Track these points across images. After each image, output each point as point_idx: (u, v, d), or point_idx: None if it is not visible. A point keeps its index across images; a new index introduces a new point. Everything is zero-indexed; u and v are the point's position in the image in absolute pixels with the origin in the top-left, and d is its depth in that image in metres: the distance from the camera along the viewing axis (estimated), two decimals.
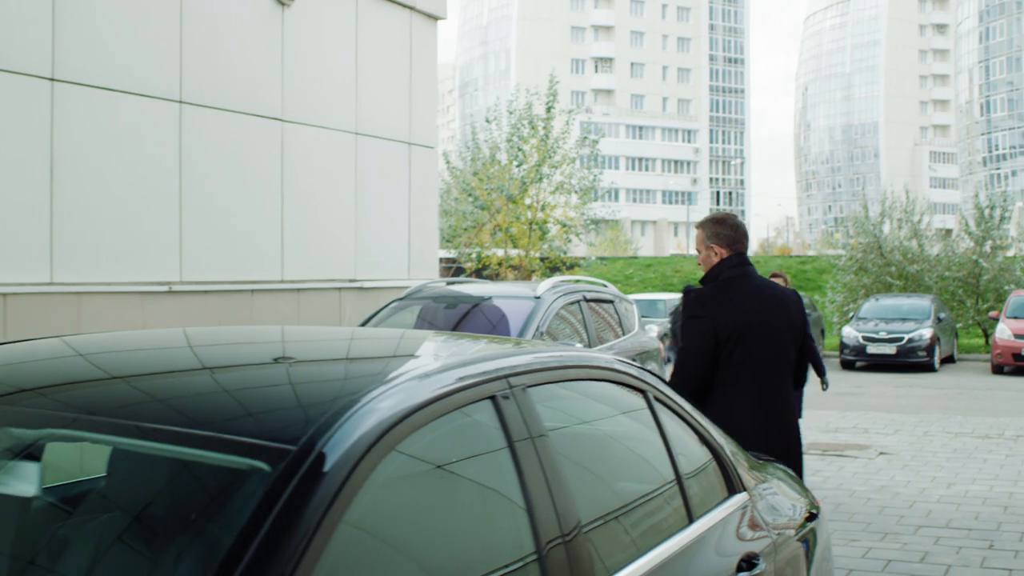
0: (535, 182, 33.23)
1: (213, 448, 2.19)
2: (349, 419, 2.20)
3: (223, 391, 2.64)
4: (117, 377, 2.81)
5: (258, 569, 1.87)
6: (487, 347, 3.11)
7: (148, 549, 2.24)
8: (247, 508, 2.00)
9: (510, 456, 2.53)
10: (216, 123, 9.56)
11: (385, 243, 11.74)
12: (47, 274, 8.12)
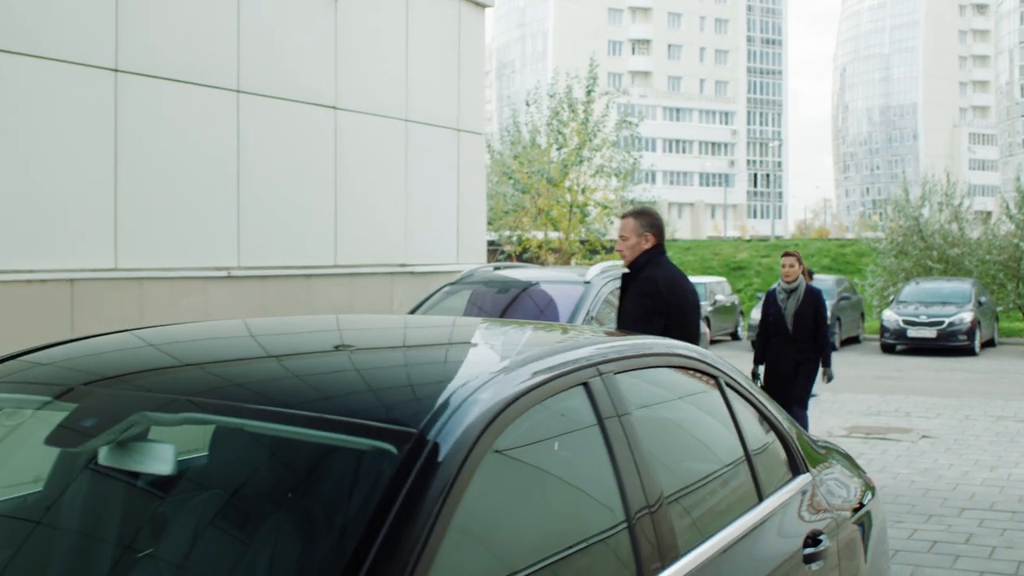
0: (575, 165, 33.32)
1: (342, 431, 2.39)
2: (464, 402, 2.42)
3: (341, 378, 2.85)
4: (237, 363, 3.03)
5: (396, 538, 2.08)
6: (577, 337, 3.34)
7: (282, 525, 2.45)
8: (380, 485, 2.21)
9: (601, 436, 2.77)
10: (272, 112, 9.77)
11: (435, 228, 11.95)
12: (111, 260, 8.35)
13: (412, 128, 11.50)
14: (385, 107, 11.15)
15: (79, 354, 3.14)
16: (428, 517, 2.13)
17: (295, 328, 3.64)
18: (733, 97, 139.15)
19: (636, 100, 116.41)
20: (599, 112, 34.49)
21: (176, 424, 2.64)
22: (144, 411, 2.61)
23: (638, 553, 2.67)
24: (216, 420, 2.61)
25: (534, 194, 33.37)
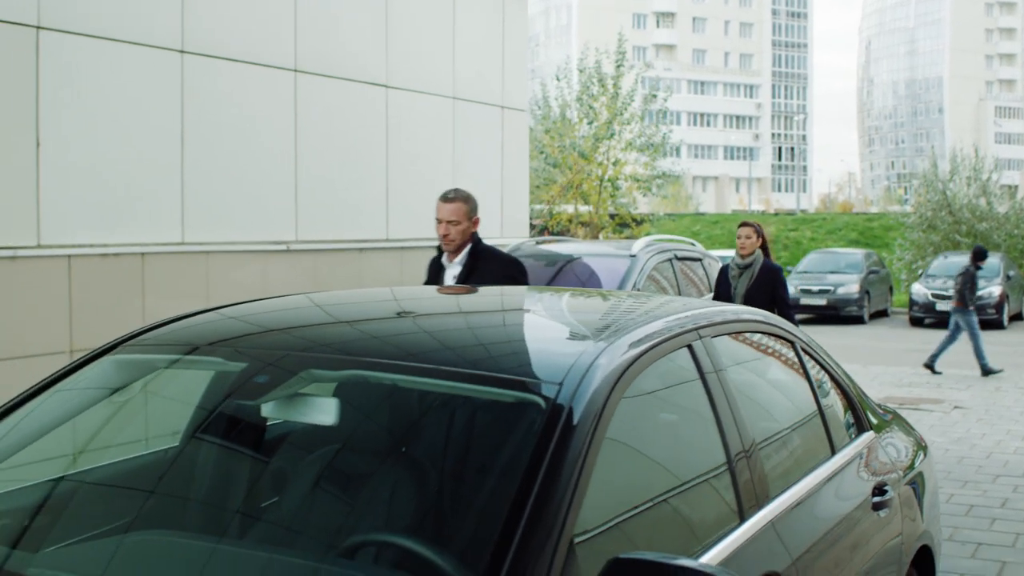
0: (605, 138, 33.57)
1: (494, 385, 2.75)
2: (597, 359, 2.78)
3: (484, 340, 3.22)
4: (390, 326, 3.39)
5: (552, 475, 2.42)
6: (678, 305, 3.68)
7: (447, 469, 2.82)
8: (531, 432, 2.55)
9: (704, 390, 3.13)
10: (327, 91, 10.08)
11: (480, 203, 12.23)
12: (179, 234, 8.69)
13: (459, 105, 11.80)
14: (433, 85, 11.44)
15: (242, 317, 3.49)
16: (575, 460, 2.48)
17: (427, 296, 4.01)
18: (758, 70, 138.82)
19: (661, 73, 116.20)
20: (628, 87, 34.71)
21: (340, 380, 2.99)
22: (311, 368, 2.96)
23: (738, 492, 3.04)
24: (377, 376, 2.96)
25: (565, 168, 33.64)
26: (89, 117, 8.04)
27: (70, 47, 7.85)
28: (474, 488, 2.71)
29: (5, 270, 7.45)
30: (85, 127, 8.00)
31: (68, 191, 7.84)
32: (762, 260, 10.35)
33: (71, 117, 7.89)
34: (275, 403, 2.98)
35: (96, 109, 8.09)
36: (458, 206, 6.95)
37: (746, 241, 10.55)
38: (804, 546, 3.25)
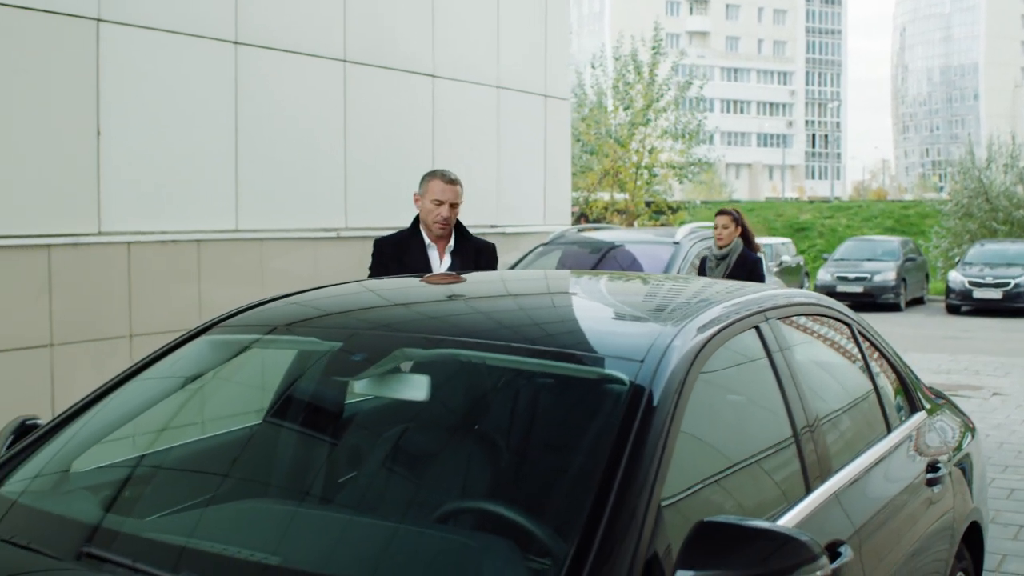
0: (641, 125, 33.65)
1: (581, 363, 2.94)
2: (675, 338, 2.96)
3: (565, 320, 3.41)
4: (475, 306, 3.58)
5: (639, 446, 2.59)
6: (744, 289, 3.85)
7: (539, 440, 3.00)
8: (619, 405, 2.73)
9: (771, 369, 3.30)
10: (375, 80, 10.26)
11: (523, 191, 12.42)
12: (233, 222, 8.89)
13: (503, 94, 11.96)
14: (478, 74, 11.61)
15: (329, 299, 3.68)
16: (660, 431, 2.65)
17: (512, 279, 4.20)
18: (792, 57, 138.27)
19: (694, 61, 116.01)
20: (664, 74, 34.78)
21: (431, 359, 3.17)
22: (403, 347, 3.14)
23: (804, 464, 3.22)
24: (467, 355, 3.14)
25: (601, 155, 33.74)
26: (147, 107, 8.24)
27: (129, 39, 8.05)
28: (563, 459, 2.89)
29: (68, 257, 7.66)
30: (143, 117, 8.20)
31: (127, 179, 8.04)
32: (740, 250, 9.85)
33: (130, 107, 8.09)
34: (370, 380, 3.17)
35: (154, 99, 8.29)
36: (459, 188, 6.96)
37: (723, 231, 9.91)
38: (865, 517, 3.43)
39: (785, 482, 3.23)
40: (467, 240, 6.95)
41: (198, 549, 2.65)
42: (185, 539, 2.75)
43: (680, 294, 4.01)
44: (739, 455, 3.20)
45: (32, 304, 7.46)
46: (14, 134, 7.36)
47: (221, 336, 3.51)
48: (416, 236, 6.94)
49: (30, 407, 7.40)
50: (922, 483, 3.98)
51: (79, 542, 2.68)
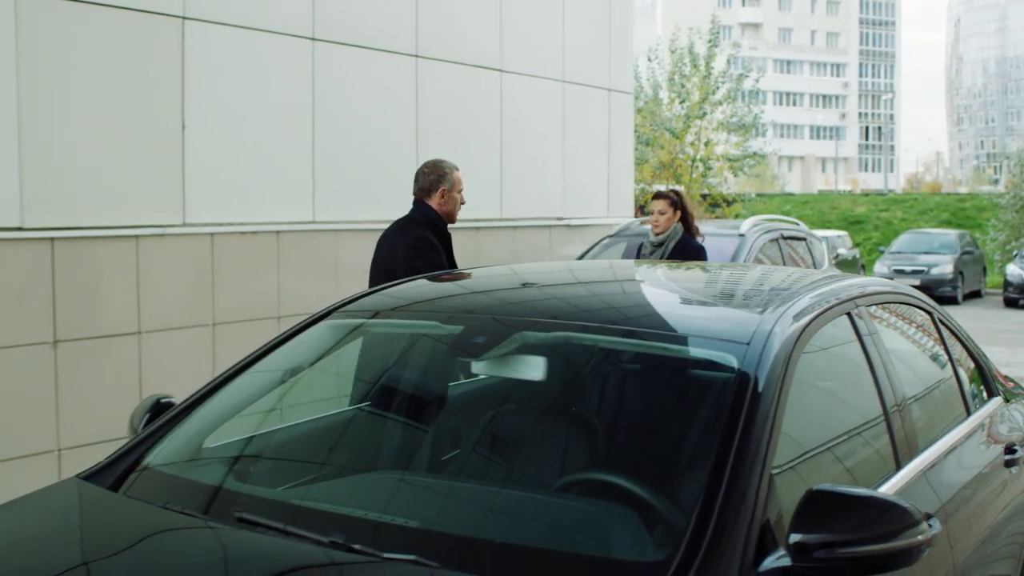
0: (697, 118, 33.69)
1: (691, 345, 3.15)
2: (777, 323, 3.16)
3: (670, 306, 3.62)
4: (587, 291, 3.80)
5: (750, 422, 2.79)
6: (834, 276, 4.04)
7: (648, 421, 3.22)
8: (730, 385, 2.94)
9: (862, 353, 3.49)
10: (446, 75, 10.47)
11: (588, 184, 12.61)
12: (310, 213, 9.14)
13: (568, 88, 12.15)
14: (544, 69, 11.80)
15: (448, 284, 3.92)
16: (768, 407, 2.86)
17: (610, 270, 4.43)
18: (845, 48, 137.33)
19: (747, 52, 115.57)
20: (720, 67, 34.81)
21: (549, 341, 3.38)
22: (523, 331, 3.36)
23: (895, 444, 3.43)
24: (583, 337, 3.35)
25: (656, 148, 33.82)
26: (229, 102, 8.50)
27: (212, 36, 8.31)
28: (678, 435, 3.11)
29: (155, 247, 7.93)
30: (225, 112, 8.46)
31: (210, 172, 8.31)
32: (679, 237, 8.88)
33: (213, 102, 8.35)
34: (492, 361, 3.39)
35: (235, 94, 8.55)
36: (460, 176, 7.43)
37: (659, 217, 8.90)
38: (949, 493, 3.63)
39: (877, 459, 3.44)
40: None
41: (342, 514, 2.88)
42: (329, 505, 2.97)
43: (771, 282, 4.23)
44: (836, 431, 3.41)
45: (122, 293, 7.73)
46: (105, 129, 7.64)
47: (342, 320, 3.74)
48: (441, 228, 7.23)
49: (121, 390, 7.69)
50: (1000, 464, 4.18)
51: (231, 508, 2.91)
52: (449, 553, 2.62)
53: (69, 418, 7.44)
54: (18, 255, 7.18)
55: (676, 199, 9.05)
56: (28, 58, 7.16)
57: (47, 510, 3.06)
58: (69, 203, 7.45)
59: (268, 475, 3.39)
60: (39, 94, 7.23)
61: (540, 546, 2.68)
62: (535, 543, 2.71)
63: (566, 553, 2.63)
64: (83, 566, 2.68)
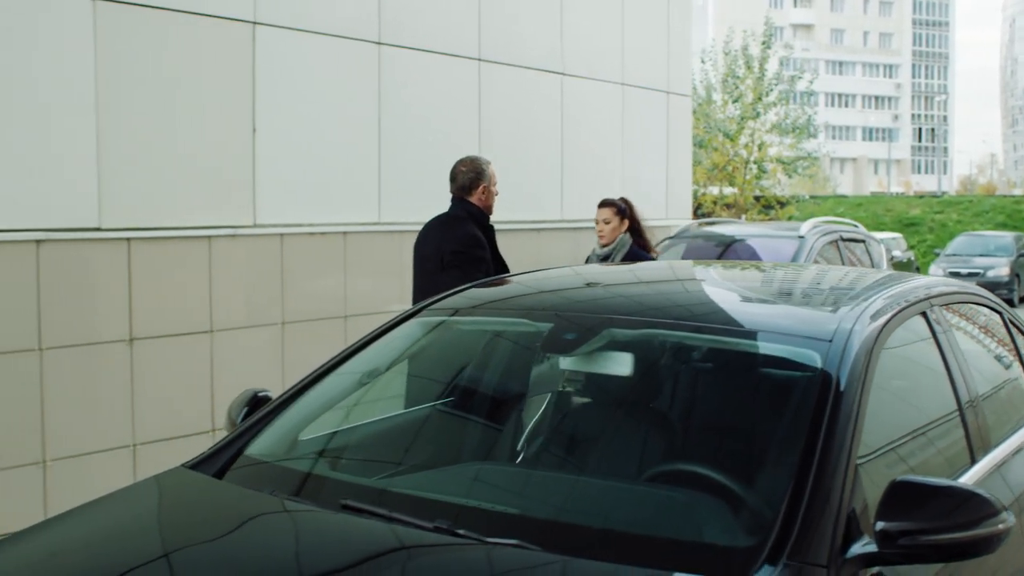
0: (751, 119, 33.70)
1: (776, 341, 3.27)
2: (858, 321, 3.28)
3: (750, 305, 3.75)
4: (671, 289, 3.93)
5: (835, 414, 2.91)
6: (907, 277, 4.15)
7: (734, 416, 3.34)
8: (814, 380, 3.07)
9: (937, 350, 3.61)
10: (508, 78, 10.61)
11: (646, 186, 12.70)
12: (376, 214, 9.31)
13: (627, 91, 12.26)
14: (604, 72, 11.92)
15: (536, 282, 4.06)
16: (852, 401, 2.98)
17: (686, 270, 4.56)
18: (898, 49, 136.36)
19: (799, 54, 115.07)
20: (773, 69, 34.79)
21: (636, 339, 3.51)
22: (611, 327, 3.49)
23: (969, 439, 3.53)
24: (670, 335, 3.48)
25: (710, 149, 33.84)
26: (298, 105, 8.67)
27: (281, 41, 8.49)
28: (764, 429, 3.24)
29: (226, 247, 8.12)
30: (294, 115, 8.64)
31: (280, 174, 8.48)
32: (627, 247, 8.48)
33: (282, 105, 8.53)
34: (581, 357, 3.53)
35: (304, 98, 8.72)
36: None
37: (604, 227, 8.57)
38: (1022, 488, 3.73)
39: (953, 452, 3.55)
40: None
41: (443, 501, 3.02)
42: (429, 494, 3.11)
43: (841, 282, 4.37)
44: (913, 426, 3.54)
45: (195, 293, 7.92)
46: (178, 132, 7.83)
47: (432, 318, 3.88)
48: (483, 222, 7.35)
49: (194, 387, 7.88)
50: None
51: (333, 495, 3.05)
52: (548, 538, 2.75)
53: (144, 414, 7.63)
54: (96, 255, 7.38)
55: (623, 207, 8.62)
56: (105, 63, 7.36)
57: (159, 495, 3.22)
58: (145, 204, 7.64)
59: (364, 465, 3.56)
60: (116, 98, 7.43)
61: (635, 531, 2.82)
62: (629, 528, 2.85)
63: (660, 538, 2.76)
64: (196, 546, 2.84)
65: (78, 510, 3.15)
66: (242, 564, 2.74)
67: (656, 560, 2.63)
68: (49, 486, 7.15)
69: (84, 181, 7.28)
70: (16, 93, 6.94)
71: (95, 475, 7.33)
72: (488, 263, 6.89)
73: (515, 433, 3.71)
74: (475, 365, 3.99)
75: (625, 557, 2.64)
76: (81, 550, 2.87)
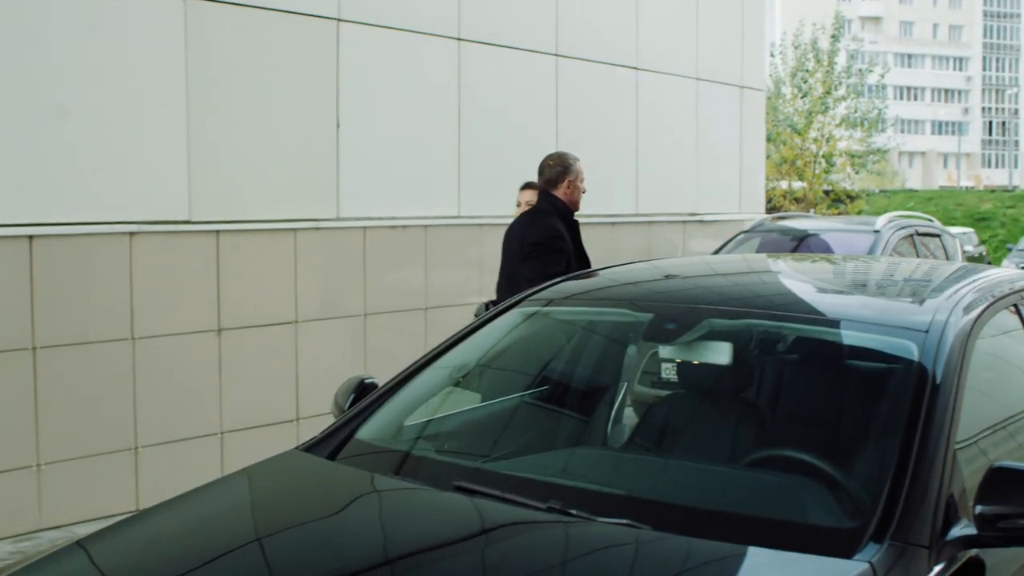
0: (819, 113, 33.54)
1: (873, 332, 3.37)
2: (952, 313, 3.37)
3: (844, 296, 3.85)
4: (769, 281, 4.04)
5: (936, 397, 3.00)
6: (993, 270, 4.23)
7: (834, 403, 3.43)
8: (911, 369, 3.16)
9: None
10: (584, 73, 10.71)
11: (720, 180, 12.76)
12: (456, 208, 9.45)
13: (701, 86, 12.32)
14: (679, 67, 11.99)
15: (632, 274, 4.18)
16: (950, 389, 3.06)
17: (777, 263, 4.66)
18: (968, 42, 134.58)
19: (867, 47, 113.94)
20: (842, 63, 34.61)
21: (735, 328, 3.62)
22: (711, 318, 3.59)
23: None
24: (769, 324, 3.58)
25: (778, 143, 33.71)
26: (380, 101, 8.83)
27: (365, 37, 8.65)
28: (863, 417, 3.33)
29: (311, 239, 8.29)
30: (377, 110, 8.79)
31: (363, 168, 8.64)
32: None
33: (365, 101, 8.69)
34: (682, 346, 3.63)
35: (386, 93, 8.88)
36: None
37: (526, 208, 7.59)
38: None
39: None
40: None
41: (554, 483, 3.15)
42: (539, 476, 3.24)
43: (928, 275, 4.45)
44: (1007, 413, 3.63)
45: (280, 284, 8.10)
46: (265, 127, 8.01)
47: (533, 308, 4.01)
48: (567, 217, 7.32)
49: (278, 376, 8.06)
50: None
51: (444, 476, 3.18)
52: (658, 518, 2.86)
53: (231, 403, 7.82)
54: (186, 247, 7.57)
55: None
56: (195, 60, 7.54)
57: (278, 475, 3.37)
58: (232, 197, 7.83)
59: (470, 449, 3.69)
60: (205, 94, 7.62)
61: (741, 512, 2.93)
62: (735, 509, 2.96)
63: (766, 518, 2.87)
64: (315, 522, 2.99)
65: (199, 491, 3.30)
66: (362, 538, 2.88)
67: (764, 539, 2.73)
68: (141, 472, 7.36)
69: (174, 175, 7.47)
70: (110, 89, 7.14)
71: (183, 462, 7.53)
72: (568, 256, 6.97)
73: (618, 419, 3.84)
74: (577, 353, 4.10)
75: (733, 536, 2.75)
76: (207, 527, 3.02)
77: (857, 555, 2.63)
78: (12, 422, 6.76)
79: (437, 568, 2.70)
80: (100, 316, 7.13)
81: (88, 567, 2.82)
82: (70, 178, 6.96)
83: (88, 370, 7.09)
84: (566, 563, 2.71)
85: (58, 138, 6.88)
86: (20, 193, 6.74)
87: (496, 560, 2.72)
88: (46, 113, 6.83)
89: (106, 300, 7.16)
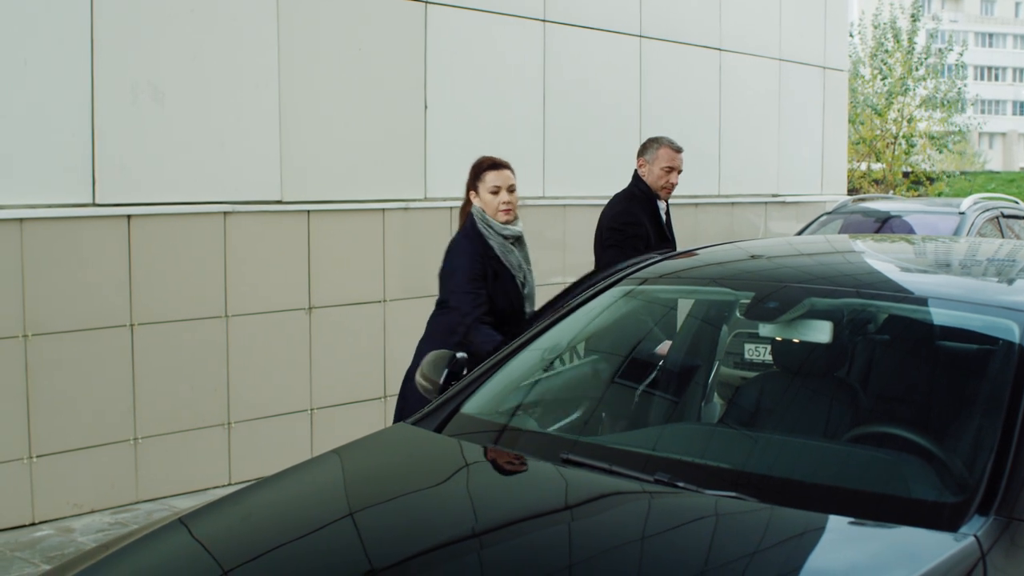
0: (899, 94, 33.18)
1: (974, 312, 3.42)
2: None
3: (945, 276, 3.89)
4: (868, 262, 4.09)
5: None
6: None
7: (938, 382, 3.48)
8: (1014, 349, 3.19)
9: None
10: (667, 55, 10.74)
11: (802, 161, 12.74)
12: (540, 188, 9.53)
13: (784, 66, 12.29)
14: (761, 47, 11.97)
15: (726, 253, 4.25)
16: None
17: (873, 244, 4.71)
18: None
19: (947, 26, 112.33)
20: (922, 43, 34.20)
21: (835, 307, 3.67)
22: (812, 297, 3.65)
23: None
24: (870, 304, 3.64)
25: (857, 124, 33.40)
26: (467, 82, 8.92)
27: (452, 19, 8.75)
28: (962, 394, 3.37)
29: (399, 220, 8.41)
30: (463, 91, 8.89)
31: (449, 149, 8.74)
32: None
33: (452, 82, 8.79)
34: (782, 324, 3.70)
35: (472, 75, 8.97)
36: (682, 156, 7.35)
37: (510, 197, 6.16)
38: None
39: None
40: None
41: (661, 456, 3.23)
42: (645, 449, 3.32)
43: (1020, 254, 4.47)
44: None
45: (369, 263, 8.23)
46: (354, 109, 8.14)
47: (634, 287, 4.08)
48: (649, 199, 7.24)
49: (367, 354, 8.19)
50: None
51: (551, 449, 3.28)
52: (765, 491, 2.93)
53: (320, 379, 7.97)
54: (278, 226, 7.72)
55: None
56: (287, 41, 7.68)
57: (390, 446, 3.50)
58: (323, 178, 7.97)
59: (573, 423, 3.78)
60: (297, 74, 7.76)
61: (845, 485, 2.99)
62: (839, 483, 3.02)
63: (870, 492, 2.93)
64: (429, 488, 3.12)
65: (313, 461, 3.42)
66: (478, 502, 3.00)
67: (869, 512, 2.80)
68: (233, 446, 7.53)
69: (266, 157, 7.62)
70: (207, 71, 7.29)
71: (274, 438, 7.70)
72: (647, 240, 6.98)
73: (721, 395, 3.91)
74: (680, 331, 4.19)
75: (838, 509, 2.82)
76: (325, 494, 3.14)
77: (963, 528, 2.69)
78: (110, 398, 6.95)
79: (551, 532, 2.80)
80: (195, 294, 7.30)
81: (196, 544, 2.94)
82: (169, 158, 7.12)
83: (183, 347, 7.26)
84: (677, 531, 2.79)
85: (156, 119, 7.03)
86: (120, 175, 6.91)
87: (610, 528, 2.81)
88: (144, 95, 6.99)
89: (201, 278, 7.33)
